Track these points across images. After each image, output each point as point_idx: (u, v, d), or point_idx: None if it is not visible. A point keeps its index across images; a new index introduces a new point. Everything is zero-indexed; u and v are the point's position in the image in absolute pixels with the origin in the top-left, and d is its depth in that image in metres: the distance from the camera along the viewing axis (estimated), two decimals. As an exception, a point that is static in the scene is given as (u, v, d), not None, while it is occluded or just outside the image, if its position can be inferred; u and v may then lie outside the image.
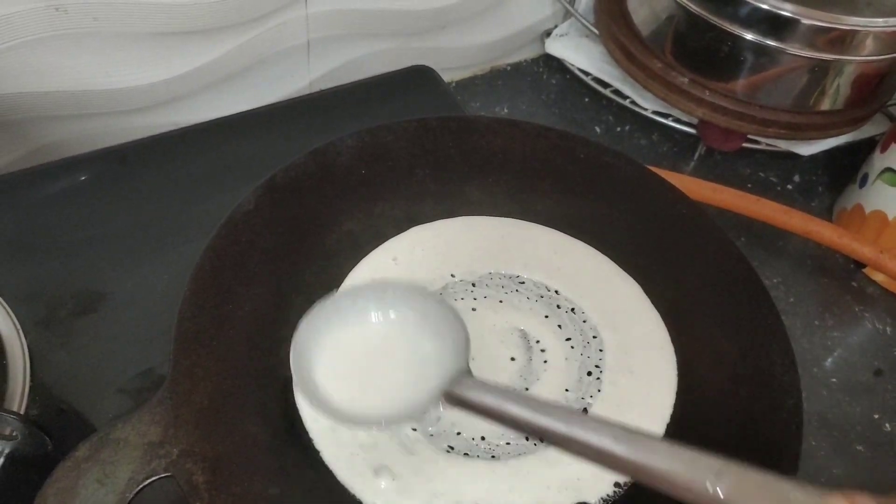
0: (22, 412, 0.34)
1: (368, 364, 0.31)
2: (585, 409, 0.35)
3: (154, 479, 0.29)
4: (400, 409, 0.29)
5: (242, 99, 0.56)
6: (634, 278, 0.40)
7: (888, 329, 0.53)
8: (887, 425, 0.48)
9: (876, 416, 0.48)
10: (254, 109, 0.55)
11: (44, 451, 0.32)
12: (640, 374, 0.36)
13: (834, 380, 0.50)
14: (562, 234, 0.42)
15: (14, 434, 0.32)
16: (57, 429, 0.35)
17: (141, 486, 0.29)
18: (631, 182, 0.44)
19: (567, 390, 0.35)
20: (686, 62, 0.55)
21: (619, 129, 0.64)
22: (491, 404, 0.27)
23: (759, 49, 0.51)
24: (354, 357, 0.31)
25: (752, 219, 0.53)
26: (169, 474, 0.29)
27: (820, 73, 0.51)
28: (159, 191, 0.49)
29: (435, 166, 0.44)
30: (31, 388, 0.35)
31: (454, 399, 0.28)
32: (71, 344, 0.42)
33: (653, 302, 0.39)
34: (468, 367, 0.29)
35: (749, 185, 0.60)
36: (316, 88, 0.60)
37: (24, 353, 0.35)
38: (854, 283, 0.55)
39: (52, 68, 0.48)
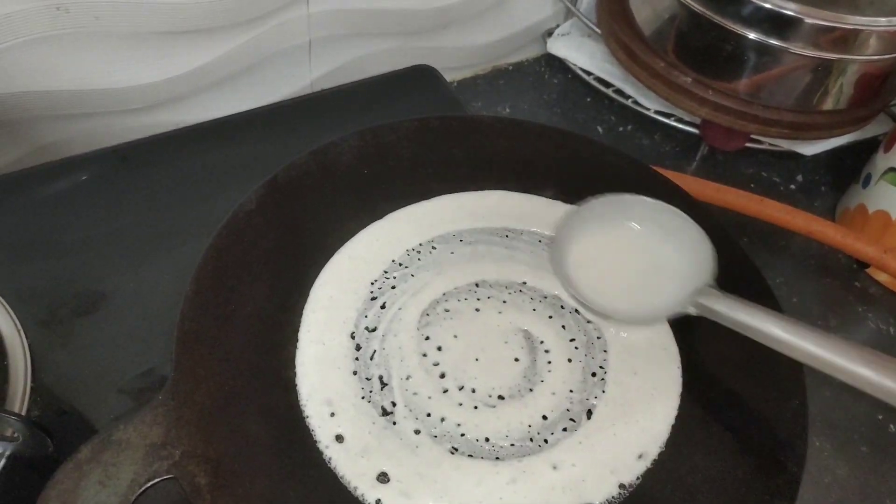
0: (23, 413, 0.33)
1: (615, 264, 0.36)
2: (590, 411, 0.34)
3: (157, 480, 0.29)
4: (642, 309, 0.35)
5: (244, 98, 0.56)
6: (639, 278, 0.40)
7: (891, 329, 0.53)
8: (892, 426, 0.48)
9: (880, 417, 0.48)
10: (255, 109, 0.55)
11: (45, 452, 0.32)
12: (644, 374, 0.36)
13: (838, 380, 0.49)
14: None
15: (15, 435, 0.32)
16: (58, 430, 0.35)
17: (143, 487, 0.28)
18: (634, 182, 0.44)
19: (571, 391, 0.35)
20: (689, 61, 0.55)
21: (621, 128, 0.63)
22: (729, 315, 0.32)
23: (762, 48, 0.51)
24: (603, 256, 0.37)
25: (755, 219, 0.52)
26: (171, 476, 0.29)
27: (823, 72, 0.51)
28: (160, 190, 0.49)
29: (437, 166, 0.44)
30: (32, 389, 0.35)
31: (701, 307, 0.33)
32: (72, 344, 0.41)
33: (657, 302, 0.39)
34: (712, 280, 0.34)
35: (752, 185, 0.60)
36: (317, 88, 0.60)
37: (25, 354, 0.35)
38: (857, 284, 0.55)
39: (53, 67, 0.48)
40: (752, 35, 0.50)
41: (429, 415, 0.33)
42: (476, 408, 0.34)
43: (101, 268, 0.45)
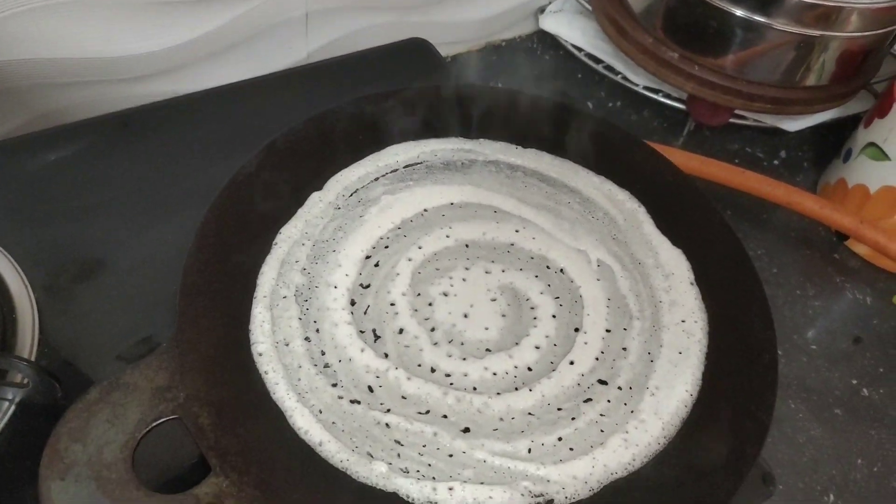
0: (32, 360, 0.35)
1: None
2: (572, 362, 0.36)
3: (162, 420, 0.30)
4: None
5: (241, 69, 0.57)
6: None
7: (868, 299, 0.55)
8: (865, 390, 0.50)
9: (854, 382, 0.50)
10: (252, 79, 0.56)
11: (54, 398, 0.34)
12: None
13: (814, 347, 0.51)
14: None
15: (25, 381, 0.33)
16: (64, 380, 0.36)
17: (149, 426, 0.30)
18: (623, 152, 0.45)
19: (555, 345, 0.36)
20: (676, 37, 0.56)
21: (610, 104, 0.65)
22: None
23: (747, 24, 0.52)
24: None
25: (738, 192, 0.54)
26: (176, 416, 0.30)
27: (806, 48, 0.53)
28: (160, 157, 0.50)
29: (431, 133, 0.45)
30: (39, 340, 0.36)
31: None
32: (71, 311, 0.42)
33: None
34: None
35: (736, 161, 0.62)
36: (313, 60, 0.60)
37: (32, 306, 0.36)
38: (836, 256, 0.57)
39: (55, 36, 0.49)
40: (737, 12, 0.52)
41: (419, 365, 0.35)
42: (464, 359, 0.35)
43: (101, 234, 0.45)
